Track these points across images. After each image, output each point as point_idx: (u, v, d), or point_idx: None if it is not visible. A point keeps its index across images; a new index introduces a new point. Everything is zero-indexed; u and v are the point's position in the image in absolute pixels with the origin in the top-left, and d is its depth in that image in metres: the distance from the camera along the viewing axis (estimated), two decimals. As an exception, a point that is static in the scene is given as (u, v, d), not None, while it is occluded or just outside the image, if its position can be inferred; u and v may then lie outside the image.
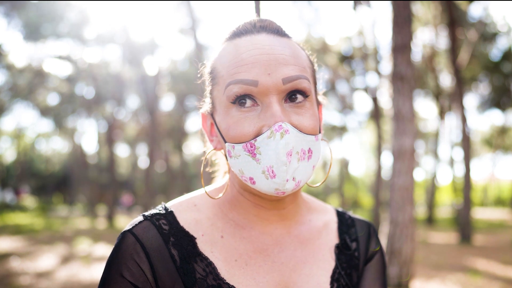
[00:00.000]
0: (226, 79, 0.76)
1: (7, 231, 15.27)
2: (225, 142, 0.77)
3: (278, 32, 0.81)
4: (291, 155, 0.71)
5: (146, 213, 0.81)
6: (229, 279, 0.77)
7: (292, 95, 0.76)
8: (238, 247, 0.81)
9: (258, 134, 0.73)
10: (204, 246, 0.79)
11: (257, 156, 0.73)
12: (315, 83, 0.85)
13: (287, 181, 0.72)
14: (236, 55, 0.76)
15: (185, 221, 0.81)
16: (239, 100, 0.74)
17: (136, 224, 0.78)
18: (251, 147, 0.73)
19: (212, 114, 0.83)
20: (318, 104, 0.88)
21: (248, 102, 0.74)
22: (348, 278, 0.88)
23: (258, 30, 0.80)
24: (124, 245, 0.76)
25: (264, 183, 0.73)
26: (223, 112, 0.78)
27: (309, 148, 0.76)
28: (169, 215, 0.81)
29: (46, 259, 9.10)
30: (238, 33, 0.81)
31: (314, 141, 0.77)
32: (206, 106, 0.86)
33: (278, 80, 0.73)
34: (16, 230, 15.74)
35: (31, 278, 7.06)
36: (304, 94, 0.76)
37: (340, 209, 1.00)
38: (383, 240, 6.35)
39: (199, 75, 0.91)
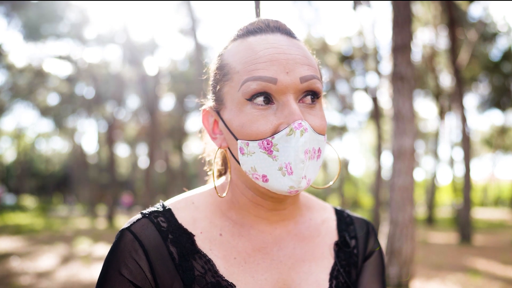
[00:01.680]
0: (242, 75, 0.75)
1: (7, 231, 15.27)
2: (237, 139, 0.76)
3: (291, 34, 0.82)
4: (307, 153, 0.72)
5: (144, 211, 0.81)
6: (228, 277, 0.77)
7: (306, 95, 0.77)
8: (236, 245, 0.81)
9: (275, 132, 0.73)
10: (203, 244, 0.79)
11: (273, 153, 0.72)
12: (322, 85, 0.87)
13: (302, 178, 0.72)
14: (253, 52, 0.76)
15: (183, 219, 0.81)
16: (256, 97, 0.74)
17: (134, 222, 0.78)
18: (268, 144, 0.73)
19: (218, 111, 0.82)
20: None
21: (265, 99, 0.75)
22: (347, 276, 0.88)
23: (272, 30, 0.80)
24: (122, 243, 0.75)
25: (278, 181, 0.73)
26: (235, 109, 0.77)
27: (319, 147, 0.77)
28: (167, 213, 0.81)
29: (46, 259, 9.10)
30: (252, 31, 0.81)
31: (323, 141, 0.78)
32: (210, 102, 0.85)
33: (296, 79, 0.74)
34: (16, 230, 15.74)
35: (31, 278, 7.06)
36: (317, 94, 0.78)
37: (338, 208, 1.01)
38: (383, 240, 6.35)
39: (204, 71, 0.90)
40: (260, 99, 0.74)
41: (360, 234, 0.96)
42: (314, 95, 0.77)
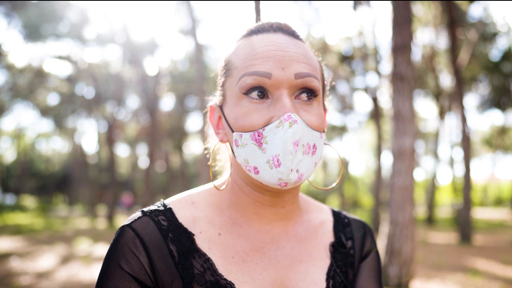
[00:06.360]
0: (240, 71, 0.78)
1: (7, 231, 15.28)
2: (233, 132, 0.79)
3: (294, 34, 0.84)
4: (297, 145, 0.73)
5: (145, 209, 0.82)
6: (226, 275, 0.78)
7: (302, 92, 0.78)
8: (235, 244, 0.82)
9: (267, 124, 0.75)
10: (202, 243, 0.80)
11: (263, 146, 0.74)
12: (323, 88, 0.88)
13: (291, 171, 0.73)
14: (252, 49, 0.79)
15: (184, 218, 0.82)
16: (251, 91, 0.77)
17: (135, 219, 0.79)
18: (259, 136, 0.75)
19: (221, 107, 0.85)
20: (324, 109, 0.90)
21: (260, 94, 0.77)
22: (343, 276, 0.89)
23: (275, 30, 0.83)
24: (123, 239, 0.76)
25: (267, 173, 0.74)
26: (233, 103, 0.79)
27: (314, 143, 0.78)
28: (167, 212, 0.82)
29: (46, 259, 9.10)
30: (255, 31, 0.84)
31: (319, 137, 0.79)
32: (216, 99, 0.88)
33: (290, 74, 0.76)
34: (16, 230, 15.75)
35: (31, 278, 7.06)
36: (313, 93, 0.79)
37: (335, 209, 1.02)
38: (383, 240, 6.36)
39: (204, 71, 0.92)
40: (255, 93, 0.76)
41: (357, 235, 0.97)
42: (311, 92, 0.78)
